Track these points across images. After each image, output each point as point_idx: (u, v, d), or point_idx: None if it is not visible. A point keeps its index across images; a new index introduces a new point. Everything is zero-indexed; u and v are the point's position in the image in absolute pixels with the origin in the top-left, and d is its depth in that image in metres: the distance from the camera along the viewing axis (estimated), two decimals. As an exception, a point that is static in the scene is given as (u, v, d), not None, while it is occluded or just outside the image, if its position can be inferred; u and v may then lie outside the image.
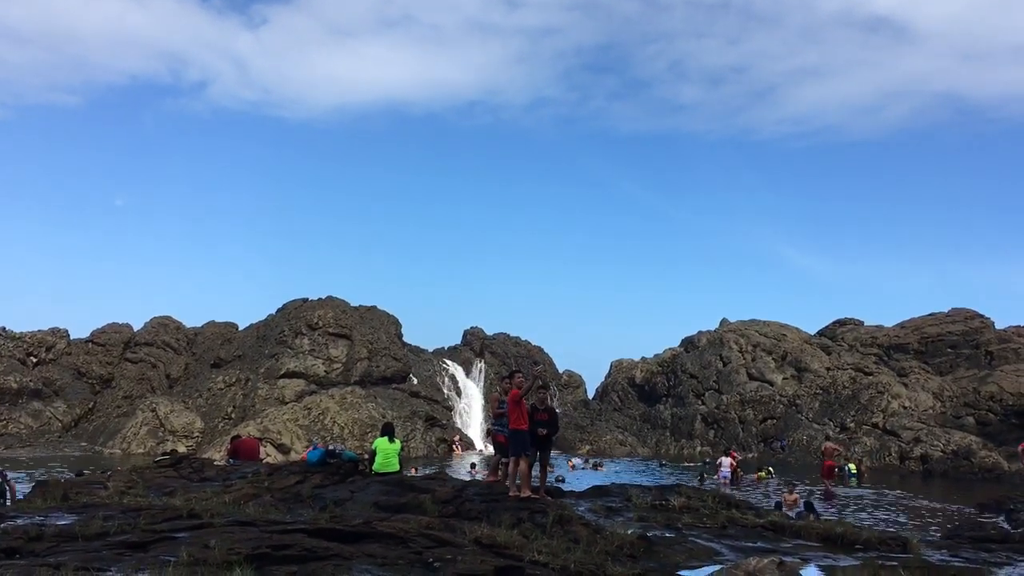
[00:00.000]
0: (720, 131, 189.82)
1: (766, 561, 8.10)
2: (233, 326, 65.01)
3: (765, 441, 51.40)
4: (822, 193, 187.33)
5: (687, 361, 60.67)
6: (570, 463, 42.03)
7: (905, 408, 48.63)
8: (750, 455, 47.62)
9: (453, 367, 64.89)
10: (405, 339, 65.68)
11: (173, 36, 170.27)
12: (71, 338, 59.54)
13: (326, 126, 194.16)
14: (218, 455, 33.51)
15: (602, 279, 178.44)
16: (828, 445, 32.21)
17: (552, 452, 14.85)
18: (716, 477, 32.78)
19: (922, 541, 12.68)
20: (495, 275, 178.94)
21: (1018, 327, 57.33)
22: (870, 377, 51.94)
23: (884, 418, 47.94)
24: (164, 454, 22.62)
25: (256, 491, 12.99)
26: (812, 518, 16.16)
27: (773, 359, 57.13)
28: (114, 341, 60.06)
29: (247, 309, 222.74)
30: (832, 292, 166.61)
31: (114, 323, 62.49)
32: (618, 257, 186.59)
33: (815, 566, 9.38)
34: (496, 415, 14.68)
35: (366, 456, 16.30)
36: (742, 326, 62.36)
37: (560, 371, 73.27)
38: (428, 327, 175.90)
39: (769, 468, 37.88)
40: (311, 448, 18.01)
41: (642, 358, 68.81)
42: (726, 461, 33.66)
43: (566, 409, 63.95)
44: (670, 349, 66.30)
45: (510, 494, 12.29)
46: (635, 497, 13.82)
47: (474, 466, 35.22)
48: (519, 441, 12.60)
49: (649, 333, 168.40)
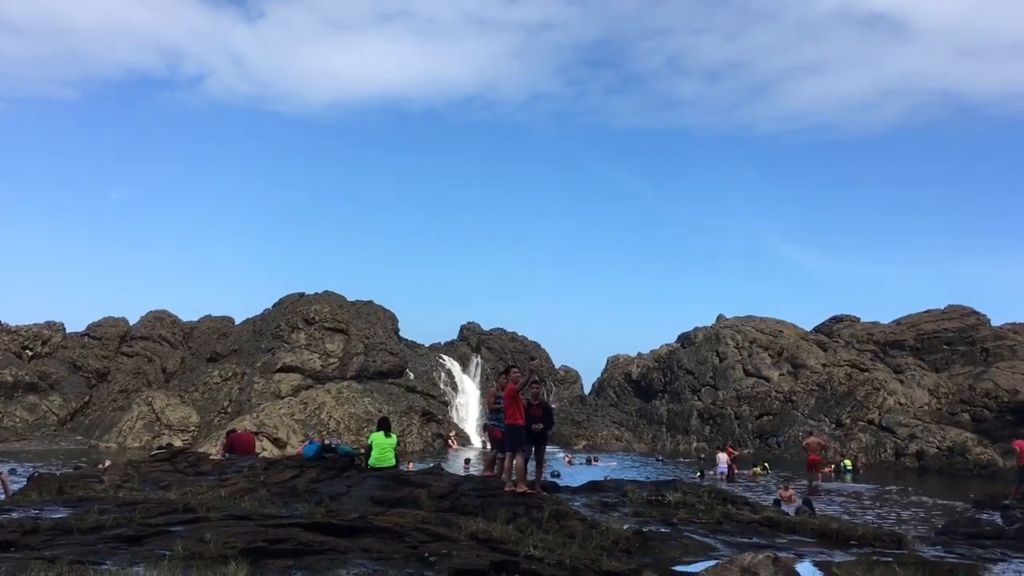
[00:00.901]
0: (717, 127, 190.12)
1: (761, 556, 8.11)
2: (229, 320, 65.03)
3: (761, 437, 51.54)
4: (819, 189, 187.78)
5: (683, 357, 60.76)
6: (566, 458, 42.08)
7: (901, 405, 48.79)
8: (746, 451, 47.75)
9: (449, 362, 64.95)
10: (402, 334, 65.80)
11: (170, 30, 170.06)
12: (67, 332, 59.45)
13: (323, 121, 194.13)
14: (214, 449, 33.46)
15: (599, 275, 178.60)
16: (812, 440, 32.69)
17: (548, 447, 14.84)
18: (713, 473, 32.92)
19: (917, 537, 12.73)
20: (492, 270, 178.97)
21: (1014, 324, 57.58)
22: (866, 374, 52.08)
23: (880, 415, 48.10)
24: (160, 448, 22.57)
25: (252, 485, 12.98)
26: (809, 514, 16.20)
27: (769, 355, 57.23)
28: (110, 335, 59.97)
29: (243, 303, 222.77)
30: (829, 288, 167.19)
31: (110, 317, 62.42)
32: (614, 252, 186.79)
33: (810, 562, 9.39)
34: (492, 410, 14.68)
35: (362, 451, 16.29)
36: (738, 322, 62.47)
37: (556, 366, 73.35)
38: (425, 322, 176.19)
39: (765, 464, 38.08)
40: (307, 442, 18.03)
41: (638, 354, 68.99)
42: (722, 457, 33.82)
43: (562, 405, 64.03)
44: (666, 345, 66.43)
45: (506, 489, 12.30)
46: (631, 492, 13.83)
47: (468, 462, 35.23)
48: (515, 436, 12.60)
49: (645, 329, 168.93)
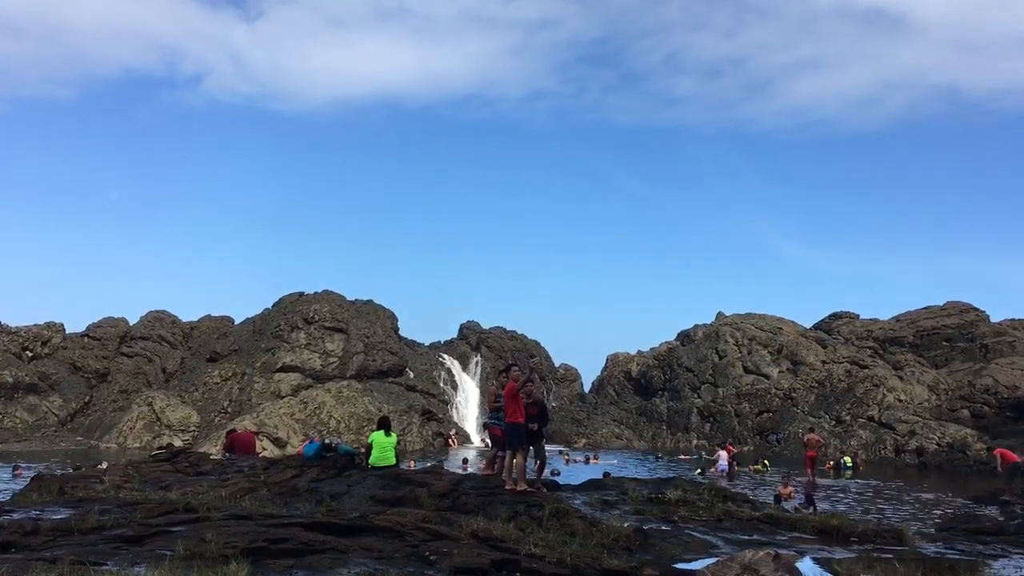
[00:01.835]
0: (717, 124, 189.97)
1: (762, 554, 8.12)
2: (229, 320, 65.00)
3: (761, 434, 51.57)
4: (818, 186, 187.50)
5: (683, 354, 60.77)
6: (565, 457, 42.05)
7: (900, 401, 48.81)
8: (746, 448, 47.77)
9: (449, 361, 64.94)
10: (401, 333, 65.78)
11: (168, 28, 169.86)
12: (66, 332, 59.36)
13: (322, 119, 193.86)
14: (214, 449, 33.48)
15: (598, 272, 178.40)
16: (811, 436, 32.86)
17: (548, 446, 14.86)
18: (713, 470, 32.93)
19: (917, 533, 12.75)
20: (491, 269, 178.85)
21: (1013, 320, 57.55)
22: (865, 370, 52.09)
23: (879, 411, 48.13)
24: (160, 448, 22.59)
25: (252, 485, 12.98)
26: (810, 511, 16.22)
27: (769, 352, 57.25)
28: (110, 335, 59.92)
29: (243, 303, 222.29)
30: (828, 285, 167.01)
31: (110, 317, 62.34)
32: (614, 250, 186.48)
33: (811, 558, 9.40)
34: (492, 409, 14.69)
35: (362, 450, 16.30)
36: (738, 319, 62.46)
37: (556, 365, 73.33)
38: (424, 321, 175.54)
39: (765, 461, 38.10)
40: (307, 442, 18.06)
41: (638, 352, 68.96)
42: (723, 454, 33.84)
43: (562, 403, 64.05)
44: (666, 343, 66.40)
45: (506, 487, 12.31)
46: (631, 490, 13.84)
47: (466, 461, 35.12)
48: (516, 434, 12.61)
49: (645, 326, 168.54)
